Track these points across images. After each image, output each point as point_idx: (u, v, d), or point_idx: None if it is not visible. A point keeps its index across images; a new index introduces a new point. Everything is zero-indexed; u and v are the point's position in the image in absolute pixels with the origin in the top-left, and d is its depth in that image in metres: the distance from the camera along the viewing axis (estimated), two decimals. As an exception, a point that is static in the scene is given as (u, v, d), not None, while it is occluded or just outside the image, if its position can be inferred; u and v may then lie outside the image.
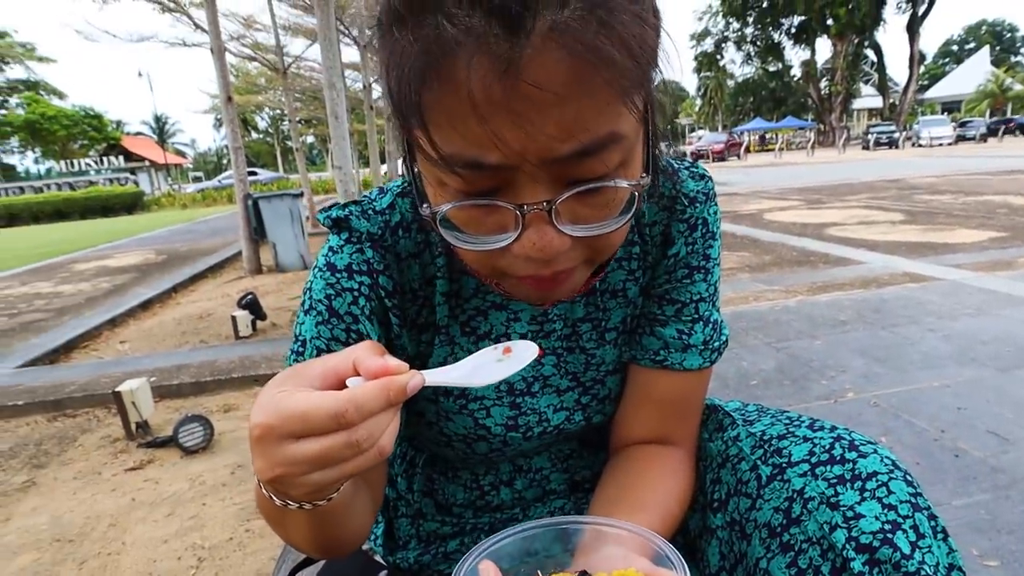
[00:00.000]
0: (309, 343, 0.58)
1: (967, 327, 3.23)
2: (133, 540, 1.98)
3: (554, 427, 0.67)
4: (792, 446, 0.57)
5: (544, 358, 0.66)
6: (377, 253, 0.59)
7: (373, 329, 0.59)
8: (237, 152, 6.62)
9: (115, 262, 9.07)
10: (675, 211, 0.64)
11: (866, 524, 0.49)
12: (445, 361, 0.64)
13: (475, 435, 0.65)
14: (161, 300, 5.87)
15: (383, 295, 0.59)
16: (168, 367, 3.53)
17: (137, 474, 2.43)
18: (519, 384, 0.65)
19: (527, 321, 0.65)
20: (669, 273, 0.65)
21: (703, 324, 0.65)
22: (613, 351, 0.67)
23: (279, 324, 4.46)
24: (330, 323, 0.58)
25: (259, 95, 18.86)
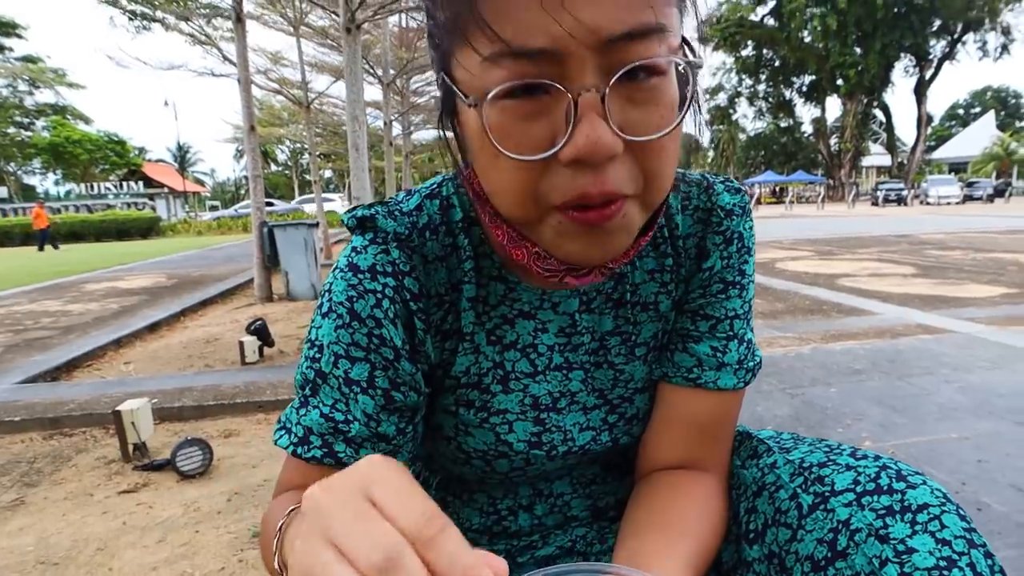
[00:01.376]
0: (327, 348, 0.55)
1: (983, 380, 3.16)
2: (121, 566, 1.91)
3: (579, 447, 0.63)
4: (835, 474, 0.53)
5: (572, 372, 0.62)
6: (403, 254, 0.56)
7: (396, 333, 0.55)
8: (256, 180, 6.71)
9: (126, 284, 9.12)
10: (710, 223, 0.62)
11: (919, 560, 0.45)
12: (468, 370, 0.61)
13: (496, 451, 0.61)
14: (169, 323, 5.87)
15: (408, 298, 0.56)
16: (171, 389, 3.49)
17: (130, 497, 2.37)
18: (544, 398, 0.62)
19: (555, 333, 0.62)
20: (704, 287, 0.63)
21: (738, 342, 0.63)
22: (643, 368, 0.64)
23: (287, 352, 4.43)
24: (351, 327, 0.54)
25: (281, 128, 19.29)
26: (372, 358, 0.55)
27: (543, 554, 0.66)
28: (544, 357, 0.62)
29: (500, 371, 0.61)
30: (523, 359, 0.61)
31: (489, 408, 0.61)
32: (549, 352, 0.62)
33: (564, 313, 0.62)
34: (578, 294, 0.62)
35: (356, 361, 0.55)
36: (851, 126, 39.63)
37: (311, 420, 0.55)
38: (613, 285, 0.62)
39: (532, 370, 0.61)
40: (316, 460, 0.55)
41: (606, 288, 0.62)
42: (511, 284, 0.60)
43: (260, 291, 6.90)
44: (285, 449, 0.57)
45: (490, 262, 0.60)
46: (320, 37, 10.23)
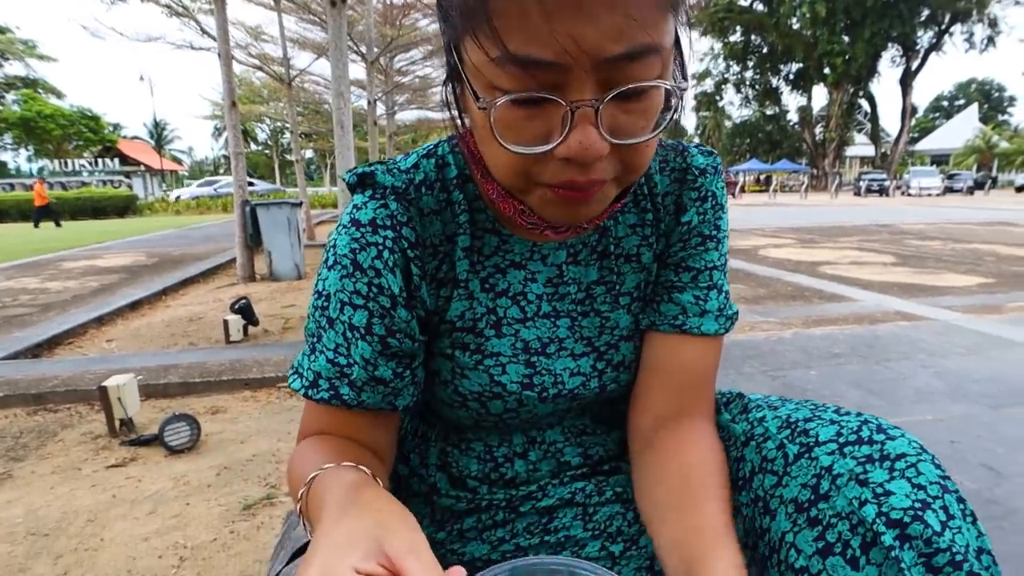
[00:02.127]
0: (333, 297, 0.60)
1: (959, 365, 3.25)
2: (112, 537, 1.91)
3: (569, 391, 0.67)
4: (819, 427, 0.57)
5: (559, 320, 0.67)
6: (401, 206, 0.61)
7: (395, 282, 0.60)
8: (238, 158, 6.61)
9: (104, 262, 8.97)
10: (685, 182, 0.68)
11: (896, 501, 0.49)
12: (463, 315, 0.65)
13: (491, 392, 0.65)
14: (150, 302, 5.80)
15: (406, 247, 0.61)
16: (155, 367, 3.47)
17: (119, 471, 2.36)
18: (534, 343, 0.66)
19: (543, 283, 0.67)
20: (683, 241, 0.69)
21: (717, 292, 0.69)
22: (627, 316, 0.69)
23: (271, 331, 4.42)
24: (354, 276, 0.59)
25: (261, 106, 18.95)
26: (371, 306, 0.59)
27: (543, 505, 0.69)
28: (533, 305, 0.67)
29: (493, 316, 0.65)
30: (514, 306, 0.66)
31: (483, 351, 0.65)
32: (538, 300, 0.67)
33: (552, 264, 0.67)
34: (566, 247, 0.67)
35: (357, 308, 0.59)
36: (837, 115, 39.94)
37: (319, 365, 0.61)
38: (597, 238, 0.67)
39: (522, 316, 0.66)
40: (324, 401, 0.61)
41: (591, 241, 0.67)
42: (504, 237, 0.65)
43: (243, 271, 6.83)
44: (298, 392, 0.62)
45: (484, 216, 0.65)
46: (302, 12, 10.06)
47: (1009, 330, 3.97)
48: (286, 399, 3.13)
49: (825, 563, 0.50)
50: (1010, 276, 6.12)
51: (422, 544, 0.43)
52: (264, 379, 3.28)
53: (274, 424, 2.78)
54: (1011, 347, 3.59)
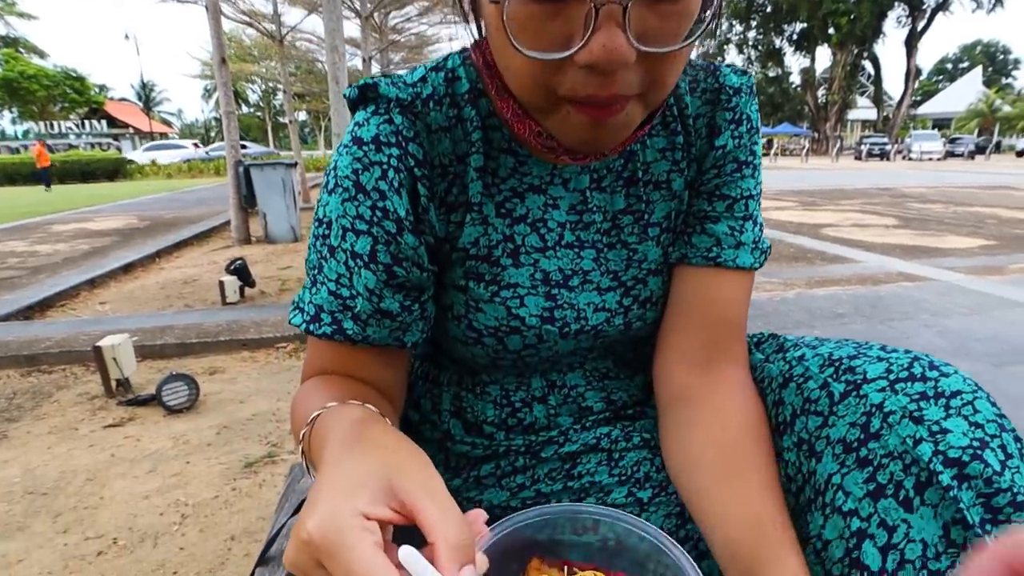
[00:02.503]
0: (334, 223, 0.55)
1: (961, 325, 3.23)
2: (112, 495, 1.89)
3: (592, 327, 0.62)
4: (866, 364, 0.53)
5: (584, 251, 0.62)
6: (406, 120, 0.56)
7: (400, 204, 0.55)
8: (230, 117, 6.45)
9: (95, 225, 8.84)
10: (719, 103, 0.62)
11: (954, 439, 0.45)
12: (477, 241, 0.59)
13: (508, 327, 0.60)
14: (144, 264, 5.72)
15: (412, 165, 0.56)
16: (151, 328, 3.42)
17: (116, 431, 2.33)
18: (555, 274, 0.61)
19: (565, 210, 0.61)
20: (717, 167, 0.63)
21: (752, 223, 0.63)
22: (656, 249, 0.64)
23: (268, 292, 4.36)
24: (356, 200, 0.54)
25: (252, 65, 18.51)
26: (375, 231, 0.55)
27: (567, 451, 0.65)
28: (555, 233, 0.61)
29: (510, 244, 0.60)
30: (533, 233, 0.61)
31: (499, 282, 0.60)
32: (560, 229, 0.61)
33: (575, 190, 0.61)
34: (589, 171, 0.61)
35: (360, 234, 0.55)
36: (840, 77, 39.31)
37: (321, 298, 0.56)
38: (623, 163, 0.62)
39: (542, 245, 0.61)
40: (327, 336, 0.56)
41: (616, 166, 0.62)
42: (521, 158, 0.60)
43: (237, 233, 6.74)
44: (299, 327, 0.57)
45: (499, 135, 0.59)
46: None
47: (1011, 291, 3.95)
48: (285, 359, 3.09)
49: (876, 505, 0.47)
50: (1012, 239, 6.09)
51: (436, 482, 0.38)
52: (262, 340, 3.24)
53: (273, 384, 2.75)
54: (1013, 307, 3.57)
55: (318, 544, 0.34)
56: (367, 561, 0.33)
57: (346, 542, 0.33)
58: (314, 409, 0.49)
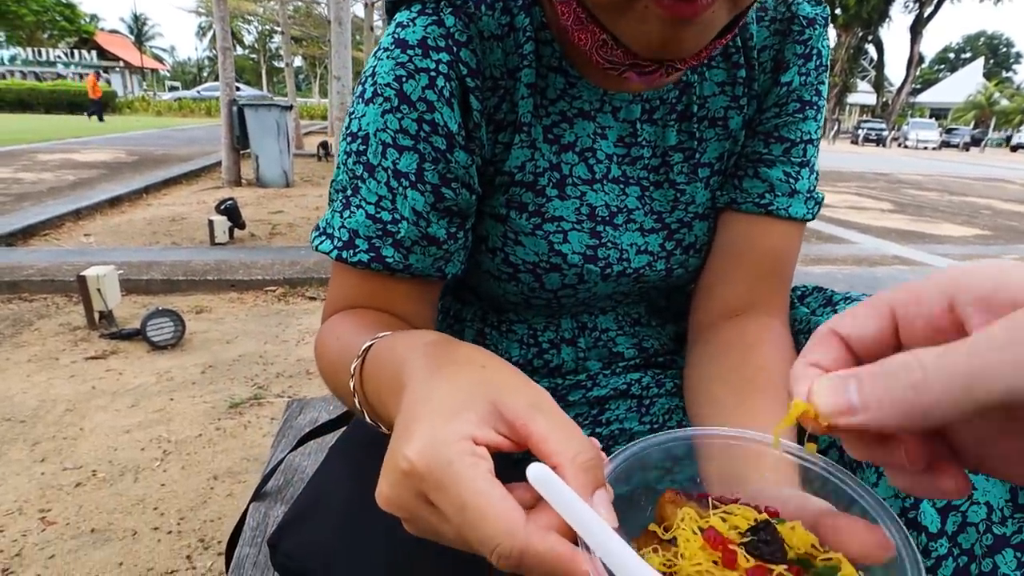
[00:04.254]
0: (372, 137, 0.49)
1: (958, 313, 3.24)
2: (92, 427, 1.85)
3: (634, 270, 0.58)
4: None
5: (629, 188, 0.57)
6: (460, 21, 0.49)
7: (452, 117, 0.49)
8: (226, 53, 6.22)
9: (82, 157, 8.61)
10: (790, 33, 0.57)
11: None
12: (523, 166, 0.54)
13: (548, 263, 0.55)
14: (131, 199, 5.57)
15: (466, 73, 0.49)
16: (137, 262, 3.34)
17: (98, 363, 2.28)
18: (601, 210, 0.56)
19: (614, 141, 0.56)
20: (780, 106, 0.58)
21: (809, 170, 0.59)
22: (705, 192, 0.59)
23: (258, 235, 4.27)
24: (399, 111, 0.48)
25: (251, 3, 17.89)
26: (422, 148, 0.49)
27: (596, 395, 0.62)
28: (603, 165, 0.56)
29: (557, 174, 0.55)
30: (581, 163, 0.56)
31: (543, 214, 0.55)
32: (608, 161, 0.57)
33: (624, 120, 0.56)
34: (640, 100, 0.56)
35: (404, 151, 0.49)
36: (843, 60, 38.87)
37: (356, 222, 0.51)
38: (678, 95, 0.56)
39: (590, 177, 0.56)
40: (363, 264, 0.50)
41: (671, 98, 0.56)
42: (571, 79, 0.54)
43: (228, 174, 6.58)
44: (328, 254, 0.51)
45: (551, 50, 0.53)
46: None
47: (1006, 281, 3.96)
48: (273, 303, 3.03)
49: None
50: (1006, 229, 6.11)
51: (547, 399, 0.32)
52: (251, 281, 3.17)
53: (261, 327, 2.70)
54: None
55: (423, 474, 0.29)
56: (484, 493, 0.28)
57: (457, 471, 0.28)
58: (359, 341, 0.43)
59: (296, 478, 0.80)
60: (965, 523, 0.41)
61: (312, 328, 2.70)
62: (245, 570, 0.65)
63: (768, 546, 0.28)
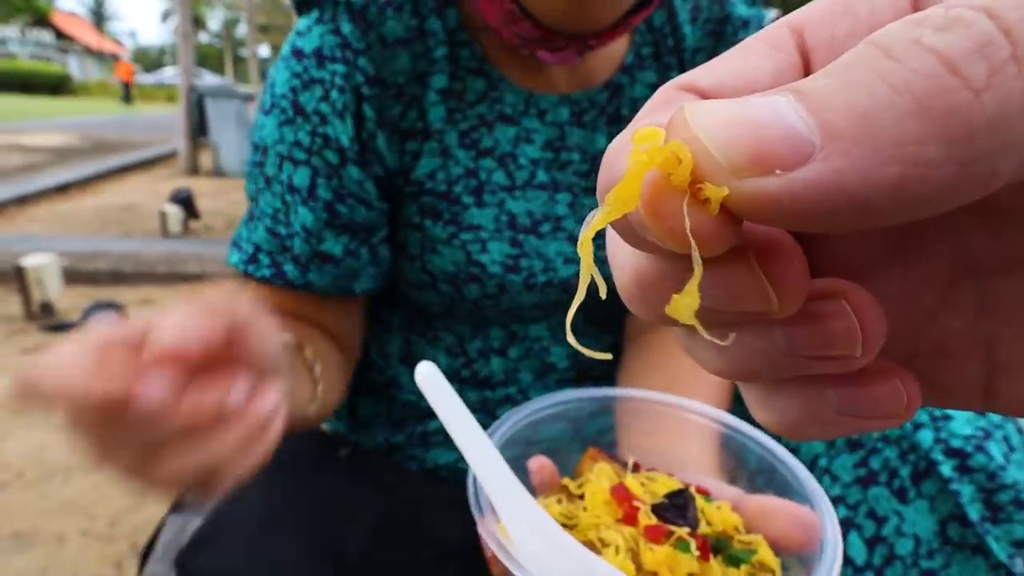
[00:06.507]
0: (271, 150, 0.49)
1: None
2: (21, 425, 1.76)
3: (561, 280, 0.56)
4: None
5: (558, 195, 0.56)
6: (357, 29, 0.49)
7: (344, 130, 0.48)
8: (187, 39, 6.05)
9: (31, 140, 8.26)
10: (723, 35, 0.57)
11: (957, 427, 0.42)
12: (434, 174, 0.52)
13: (467, 273, 0.54)
14: (80, 187, 5.36)
15: (360, 82, 0.48)
16: (83, 252, 3.20)
17: (34, 357, 2.18)
18: (523, 218, 0.54)
19: (540, 146, 0.54)
20: None
21: None
22: None
23: (214, 227, 4.15)
24: (294, 123, 0.48)
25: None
26: (315, 162, 0.49)
27: None
28: (525, 171, 0.55)
29: (473, 180, 0.54)
30: (500, 169, 0.54)
31: (459, 222, 0.54)
32: (532, 167, 0.55)
33: (552, 123, 0.55)
34: (569, 103, 0.55)
35: (298, 164, 0.49)
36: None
37: (259, 236, 0.52)
38: (608, 97, 0.56)
39: (510, 184, 0.55)
40: (267, 280, 0.50)
41: (600, 100, 0.56)
42: (493, 80, 0.53)
43: (186, 163, 6.41)
44: (236, 267, 0.51)
45: (468, 52, 0.52)
46: None
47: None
48: (226, 297, 2.95)
49: (866, 493, 0.43)
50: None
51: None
52: (205, 274, 3.08)
53: (211, 322, 2.62)
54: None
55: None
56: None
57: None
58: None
59: (220, 489, 0.76)
60: (892, 556, 0.41)
61: (265, 324, 2.64)
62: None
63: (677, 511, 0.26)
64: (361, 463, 0.57)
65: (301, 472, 0.56)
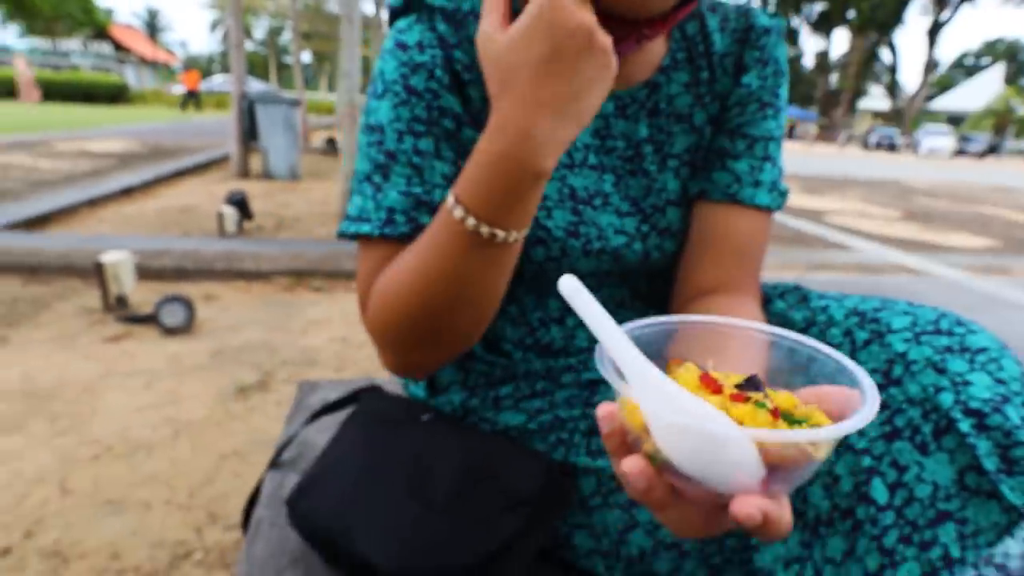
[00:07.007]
0: (388, 127, 0.56)
1: (956, 319, 3.27)
2: (106, 406, 1.92)
3: (613, 248, 0.64)
4: (891, 316, 0.53)
5: (604, 175, 0.64)
6: (450, 28, 0.58)
7: (454, 100, 0.57)
8: (239, 49, 6.31)
9: (96, 147, 8.72)
10: (748, 41, 0.65)
11: (976, 391, 0.45)
12: None
13: (535, 236, 0.61)
14: (143, 189, 5.67)
15: (459, 68, 0.57)
16: (149, 250, 3.41)
17: (113, 345, 2.36)
18: (581, 191, 0.63)
19: (590, 133, 0.63)
20: (741, 106, 0.65)
21: (771, 164, 0.66)
22: (675, 181, 0.66)
23: (265, 227, 4.34)
24: (409, 103, 0.56)
25: (264, 0, 18.02)
26: (435, 131, 0.56)
27: (587, 378, 0.66)
28: (580, 152, 0.63)
29: None
30: None
31: None
32: (584, 150, 0.63)
33: (599, 115, 0.63)
34: (614, 98, 0.63)
35: (420, 135, 0.56)
36: (855, 63, 38.67)
37: (391, 200, 0.57)
38: (647, 93, 0.64)
39: (569, 162, 0.63)
40: (407, 236, 0.56)
41: (641, 96, 0.64)
42: None
43: (237, 167, 6.68)
44: (368, 235, 0.57)
45: None
46: None
47: (1012, 292, 3.97)
48: (279, 293, 3.11)
49: (890, 446, 0.47)
50: (1018, 241, 6.09)
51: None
52: (259, 272, 3.25)
53: (267, 316, 2.77)
54: (1012, 308, 3.60)
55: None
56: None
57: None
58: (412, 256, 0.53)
59: (308, 451, 0.86)
60: (912, 498, 0.44)
61: (316, 319, 2.77)
62: (262, 530, 0.70)
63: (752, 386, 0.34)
64: (441, 425, 0.65)
65: (390, 431, 0.65)
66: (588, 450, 0.60)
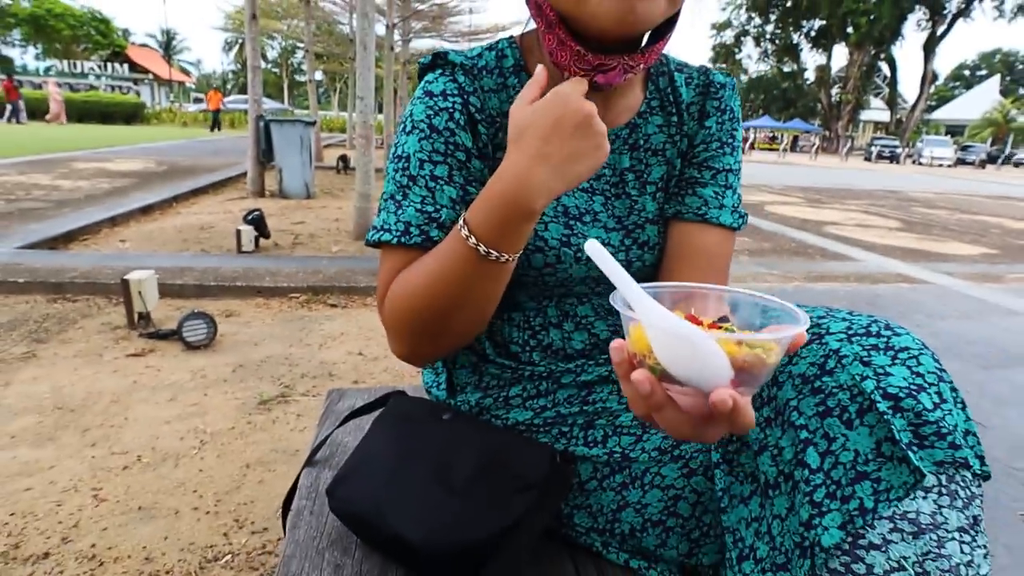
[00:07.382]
0: (412, 157, 0.69)
1: (954, 327, 3.33)
2: (135, 417, 2.02)
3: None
4: (831, 322, 0.63)
5: (594, 197, 0.77)
6: (467, 79, 0.73)
7: (467, 137, 0.70)
8: (256, 71, 6.50)
9: (115, 166, 8.94)
10: (708, 93, 0.80)
11: (894, 380, 0.55)
12: None
13: (534, 246, 0.72)
14: (162, 207, 5.83)
15: (473, 111, 0.71)
16: (171, 268, 3.54)
17: (139, 360, 2.46)
18: (573, 210, 0.75)
19: None
20: (706, 144, 0.80)
21: (732, 192, 0.79)
22: (652, 203, 0.79)
23: (282, 245, 4.47)
24: (431, 138, 0.69)
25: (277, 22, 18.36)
26: (450, 161, 0.69)
27: (584, 379, 0.77)
28: None
29: None
30: None
31: None
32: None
33: None
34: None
35: (437, 164, 0.69)
36: (855, 77, 38.79)
37: (408, 215, 0.69)
38: (629, 132, 0.78)
39: None
40: (418, 246, 0.68)
41: (623, 134, 0.78)
42: None
43: (253, 185, 6.83)
44: (390, 243, 0.69)
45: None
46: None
47: (1008, 299, 4.03)
48: (297, 309, 3.22)
49: (823, 422, 0.56)
50: (1015, 248, 6.15)
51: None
52: (277, 288, 3.36)
53: (286, 331, 2.87)
54: (1008, 315, 3.66)
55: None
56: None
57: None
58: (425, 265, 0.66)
59: (338, 450, 0.96)
60: (837, 462, 0.54)
61: (333, 333, 2.87)
62: (303, 518, 0.79)
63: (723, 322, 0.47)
64: (460, 422, 0.76)
65: (416, 428, 0.75)
66: (585, 441, 0.73)
